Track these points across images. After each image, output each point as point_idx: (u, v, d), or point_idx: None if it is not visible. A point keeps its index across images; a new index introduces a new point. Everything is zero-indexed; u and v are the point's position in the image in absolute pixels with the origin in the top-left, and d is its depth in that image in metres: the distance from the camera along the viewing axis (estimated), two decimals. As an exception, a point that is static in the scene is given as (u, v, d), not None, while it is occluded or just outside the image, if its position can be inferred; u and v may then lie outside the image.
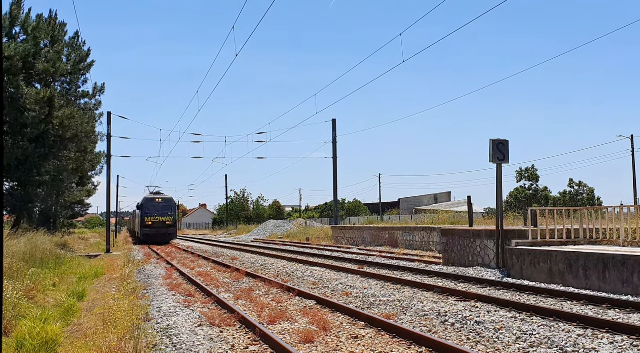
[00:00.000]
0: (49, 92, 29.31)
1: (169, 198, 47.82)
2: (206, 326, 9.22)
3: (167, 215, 45.68)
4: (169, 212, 45.88)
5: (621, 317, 9.32)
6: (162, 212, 45.47)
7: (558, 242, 15.68)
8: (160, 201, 46.32)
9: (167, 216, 45.64)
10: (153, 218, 45.17)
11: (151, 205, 45.63)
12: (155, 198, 46.63)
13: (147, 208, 45.57)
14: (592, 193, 70.85)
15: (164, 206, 46.07)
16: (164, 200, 46.96)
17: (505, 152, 16.32)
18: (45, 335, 7.51)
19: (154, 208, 45.43)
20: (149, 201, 46.37)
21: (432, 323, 9.19)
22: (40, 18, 31.18)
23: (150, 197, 47.56)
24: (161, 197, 47.19)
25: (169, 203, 46.85)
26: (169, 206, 46.60)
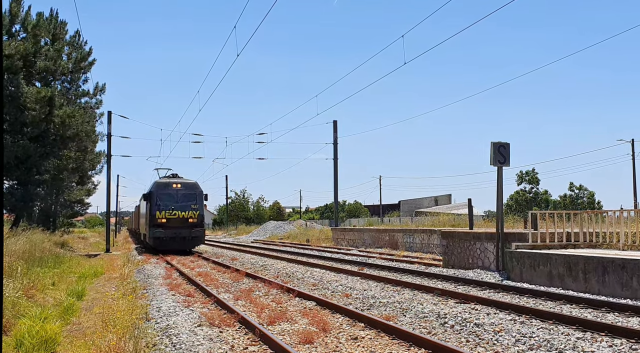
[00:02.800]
0: (50, 91, 29.33)
1: (193, 184, 31.17)
2: (206, 326, 9.22)
3: (190, 208, 30.14)
4: (192, 204, 30.26)
5: (620, 320, 9.32)
6: (182, 203, 30.15)
7: (558, 245, 15.68)
8: (179, 187, 30.39)
9: (189, 210, 30.10)
10: (169, 213, 29.65)
11: (166, 194, 30.05)
12: (171, 184, 30.51)
13: (160, 197, 29.91)
14: (592, 197, 70.90)
15: (186, 195, 30.33)
16: (186, 185, 30.76)
17: (506, 155, 16.32)
18: (44, 334, 7.51)
19: (170, 197, 30.01)
20: (162, 187, 30.33)
21: (431, 325, 9.18)
22: (41, 16, 31.22)
23: (164, 181, 31.14)
24: (181, 182, 30.92)
25: (192, 190, 30.70)
26: (193, 195, 30.49)
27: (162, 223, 29.40)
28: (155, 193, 30.02)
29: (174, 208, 29.76)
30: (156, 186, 30.57)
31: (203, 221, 30.68)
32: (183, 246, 30.10)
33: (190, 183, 31.21)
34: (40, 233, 24.53)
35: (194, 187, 30.95)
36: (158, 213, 29.50)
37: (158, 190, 30.17)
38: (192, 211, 30.10)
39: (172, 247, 29.48)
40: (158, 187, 30.39)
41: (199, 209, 30.33)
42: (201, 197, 30.75)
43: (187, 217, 29.89)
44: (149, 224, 29.84)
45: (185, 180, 31.32)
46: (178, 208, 29.86)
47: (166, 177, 32.56)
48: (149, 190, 31.58)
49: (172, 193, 30.13)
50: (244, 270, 18.29)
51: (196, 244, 30.93)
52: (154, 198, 29.86)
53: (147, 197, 31.27)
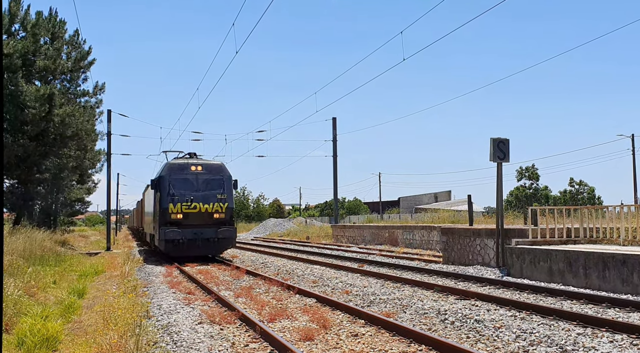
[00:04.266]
0: (49, 90, 29.29)
1: (218, 166, 23.51)
2: (206, 323, 9.23)
3: (216, 198, 22.49)
4: (218, 193, 22.58)
5: (621, 316, 9.33)
6: (205, 191, 22.50)
7: (558, 241, 15.69)
8: (200, 170, 22.81)
9: (215, 201, 22.46)
10: (186, 207, 22.07)
11: (182, 179, 22.47)
12: (189, 166, 22.88)
13: (175, 184, 22.33)
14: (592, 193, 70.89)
15: (210, 181, 22.76)
16: (209, 168, 23.10)
17: (505, 150, 16.32)
18: (45, 332, 7.53)
19: (188, 184, 22.42)
20: (177, 171, 22.67)
21: (431, 322, 9.20)
22: (40, 15, 31.18)
23: (179, 162, 23.37)
24: (202, 163, 23.26)
25: (218, 174, 23.06)
26: (219, 181, 22.88)
27: (178, 221, 21.54)
28: (168, 179, 21.79)
29: (193, 200, 21.69)
30: (168, 169, 22.23)
31: (233, 216, 22.97)
32: (207, 251, 22.20)
33: (215, 165, 23.07)
34: (41, 231, 24.54)
35: (220, 169, 22.86)
36: (172, 207, 21.54)
37: (171, 174, 21.97)
38: (218, 203, 22.13)
39: (191, 252, 21.60)
40: (171, 170, 22.11)
41: (228, 200, 22.38)
42: (230, 183, 22.67)
43: (211, 211, 22.00)
44: (159, 221, 21.88)
45: (209, 161, 23.19)
46: (199, 199, 21.86)
47: (182, 158, 24.14)
48: (159, 174, 22.88)
49: (191, 178, 22.13)
50: (244, 268, 18.31)
51: (224, 248, 22.63)
52: (165, 186, 21.84)
53: (155, 184, 22.63)
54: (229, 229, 22.35)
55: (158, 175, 23.44)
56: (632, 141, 53.41)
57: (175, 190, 22.02)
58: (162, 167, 23.56)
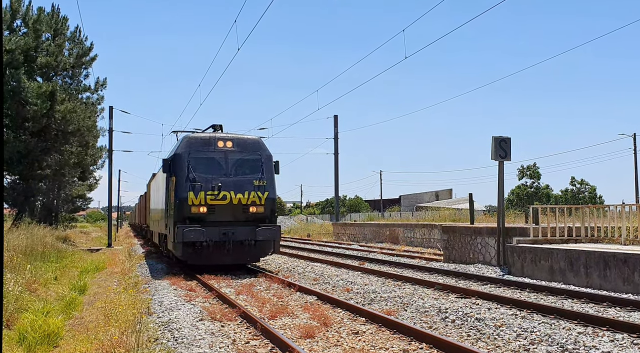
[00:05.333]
0: (51, 86, 29.31)
1: (254, 142, 17.79)
2: (207, 320, 9.24)
3: (252, 185, 16.83)
4: (255, 178, 16.96)
5: (622, 315, 9.33)
6: (237, 176, 16.88)
7: (559, 240, 15.68)
8: (230, 147, 17.16)
9: (251, 189, 16.77)
10: (212, 197, 16.35)
11: (206, 159, 16.82)
12: (215, 140, 17.17)
13: (196, 165, 16.62)
14: (593, 192, 70.81)
15: (243, 162, 17.16)
16: (243, 144, 17.44)
17: (507, 149, 16.31)
18: (47, 328, 7.54)
19: (215, 165, 16.80)
20: (199, 147, 16.98)
21: (432, 320, 9.20)
22: (42, 11, 31.19)
23: (201, 136, 17.58)
24: (233, 137, 17.46)
25: (254, 152, 17.42)
26: (256, 162, 17.27)
27: (200, 216, 15.97)
28: (187, 158, 16.24)
29: (222, 187, 16.12)
30: (187, 144, 16.61)
31: (275, 211, 17.10)
32: (239, 257, 16.42)
33: (251, 140, 17.29)
34: (42, 228, 24.57)
35: (258, 146, 17.16)
36: (192, 197, 15.92)
37: (192, 151, 16.41)
38: (255, 192, 16.44)
39: (218, 260, 16.09)
40: (191, 145, 16.55)
41: (269, 188, 16.70)
42: (270, 165, 17.06)
43: (247, 203, 16.30)
44: (175, 217, 16.09)
45: (242, 136, 17.39)
46: (230, 187, 16.24)
47: (206, 131, 18.41)
48: (174, 152, 17.19)
49: (219, 158, 16.53)
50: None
51: (263, 254, 16.90)
52: (183, 168, 16.21)
53: (169, 165, 16.89)
54: (271, 228, 16.13)
55: (173, 152, 16.90)
56: (633, 140, 53.33)
57: (197, 174, 16.05)
58: (179, 143, 16.96)
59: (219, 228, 15.90)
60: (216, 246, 15.91)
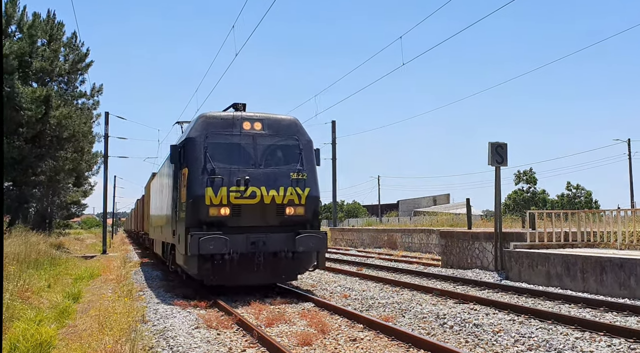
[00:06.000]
0: (46, 91, 29.20)
1: (290, 123, 13.40)
2: (203, 328, 9.14)
3: (289, 179, 12.64)
4: (292, 169, 12.77)
5: (618, 320, 9.30)
6: (269, 167, 12.66)
7: (556, 245, 15.65)
8: (259, 129, 12.97)
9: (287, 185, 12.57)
10: (237, 193, 12.15)
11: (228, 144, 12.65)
12: (241, 121, 12.92)
13: (214, 152, 12.40)
14: (589, 197, 70.95)
15: (277, 148, 12.98)
16: (275, 125, 13.18)
17: (504, 154, 16.29)
18: (39, 337, 7.44)
19: (240, 152, 12.61)
20: (219, 128, 12.76)
21: (430, 326, 9.13)
22: (37, 16, 31.14)
23: (222, 115, 13.11)
24: (263, 117, 13.17)
25: (291, 136, 13.18)
26: (294, 148, 13.09)
27: (221, 219, 12.16)
28: (203, 143, 12.53)
29: (249, 181, 12.32)
30: (204, 125, 12.84)
31: (318, 213, 13.21)
32: (272, 275, 12.65)
33: (286, 121, 13.44)
34: (36, 234, 24.41)
35: (295, 129, 13.40)
36: (211, 194, 12.11)
37: (210, 134, 12.66)
38: (293, 188, 12.68)
39: (245, 279, 12.43)
40: (208, 126, 12.79)
41: (310, 183, 12.92)
42: (311, 153, 13.31)
43: (282, 203, 12.56)
44: (187, 221, 12.27)
45: (274, 115, 13.50)
46: (260, 181, 12.47)
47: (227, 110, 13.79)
48: (185, 136, 13.20)
49: (245, 143, 12.79)
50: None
51: (303, 269, 13.26)
52: (198, 156, 12.45)
53: (178, 154, 13.19)
54: (316, 236, 12.36)
55: (185, 136, 13.08)
56: (628, 146, 53.52)
57: (218, 164, 12.23)
58: (193, 123, 13.11)
59: (246, 236, 11.95)
60: (242, 260, 11.92)
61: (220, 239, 11.58)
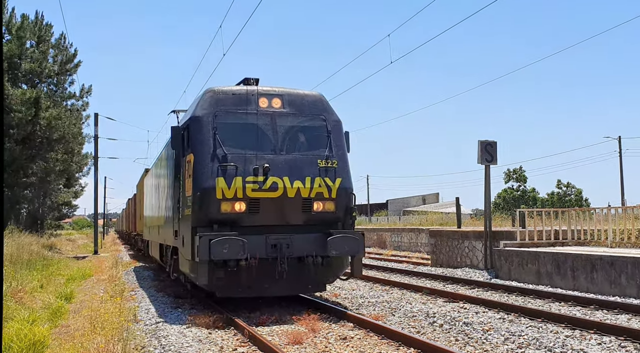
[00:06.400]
0: (35, 93, 29.09)
1: (316, 99, 11.17)
2: (195, 327, 9.17)
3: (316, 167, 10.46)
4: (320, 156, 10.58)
5: (609, 317, 9.39)
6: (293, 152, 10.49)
7: (546, 243, 15.77)
8: (278, 107, 10.75)
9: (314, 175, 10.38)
10: (254, 185, 9.99)
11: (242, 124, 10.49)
12: (257, 96, 10.70)
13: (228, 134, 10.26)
14: (579, 195, 71.40)
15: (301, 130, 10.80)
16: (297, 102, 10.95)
17: (493, 153, 16.40)
18: (32, 337, 7.44)
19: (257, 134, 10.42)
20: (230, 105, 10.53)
21: (420, 325, 9.20)
22: (25, 18, 31.01)
23: (234, 90, 10.81)
24: (284, 92, 10.96)
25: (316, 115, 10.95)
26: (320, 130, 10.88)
27: (235, 217, 10.11)
28: (211, 123, 10.40)
29: (269, 170, 10.16)
30: (212, 101, 10.66)
31: (352, 210, 10.96)
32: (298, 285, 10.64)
33: (310, 98, 11.31)
34: (28, 235, 24.31)
35: (320, 107, 11.27)
36: (222, 186, 9.98)
37: (219, 112, 10.50)
38: (321, 179, 10.52)
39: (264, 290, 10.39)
40: (218, 103, 10.63)
41: (341, 172, 10.76)
42: (341, 135, 11.23)
43: (309, 196, 10.42)
44: (193, 219, 10.18)
45: (295, 90, 11.36)
46: (282, 170, 10.33)
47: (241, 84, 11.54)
48: (190, 114, 10.95)
49: (263, 123, 10.68)
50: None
51: (333, 276, 11.12)
52: (206, 139, 10.32)
53: (181, 138, 11.12)
54: (351, 237, 10.29)
55: (189, 115, 10.95)
56: (619, 143, 53.88)
57: (230, 149, 10.16)
58: (199, 99, 10.89)
59: (266, 237, 9.94)
60: (261, 267, 9.86)
61: (237, 241, 9.44)
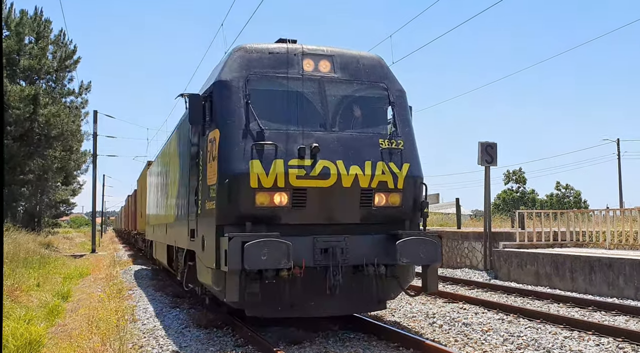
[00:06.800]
0: (34, 90, 29.01)
1: (372, 62, 8.73)
2: (193, 327, 9.12)
3: (377, 147, 8.08)
4: (381, 133, 8.30)
5: (607, 319, 9.39)
6: (347, 130, 8.08)
7: (545, 245, 15.76)
8: (326, 71, 8.32)
9: (374, 158, 7.97)
10: (299, 170, 7.56)
11: (282, 92, 8.03)
12: (300, 57, 8.29)
13: (263, 105, 7.82)
14: (578, 196, 71.48)
15: (354, 101, 8.37)
16: (351, 66, 8.51)
17: (493, 154, 16.38)
18: (29, 336, 7.40)
19: (302, 107, 7.99)
20: (264, 67, 8.09)
21: (420, 325, 9.17)
22: (24, 14, 30.94)
23: (270, 48, 8.29)
24: (332, 52, 8.51)
25: (374, 83, 8.53)
26: (379, 101, 8.53)
27: (273, 212, 7.64)
28: (242, 89, 7.91)
29: (317, 151, 7.67)
30: (243, 62, 8.17)
31: (424, 203, 8.46)
32: (354, 303, 8.10)
33: (367, 60, 8.79)
34: (25, 233, 24.25)
35: (380, 72, 8.78)
36: (258, 170, 7.49)
37: (251, 76, 8.01)
38: (384, 163, 8.05)
39: (312, 309, 7.86)
40: (250, 64, 8.15)
41: (409, 156, 8.32)
42: (406, 110, 8.73)
43: (369, 186, 7.92)
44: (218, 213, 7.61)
45: (347, 51, 8.82)
46: (335, 152, 7.85)
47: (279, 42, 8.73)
48: (216, 78, 8.15)
49: (309, 92, 8.20)
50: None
51: (397, 290, 8.49)
52: (235, 109, 7.82)
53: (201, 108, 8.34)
54: (429, 241, 7.95)
55: (212, 81, 8.40)
56: (617, 145, 53.87)
57: (267, 124, 7.89)
58: (225, 60, 8.56)
59: (314, 240, 7.64)
60: (309, 278, 7.57)
61: (279, 245, 7.05)
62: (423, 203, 8.47)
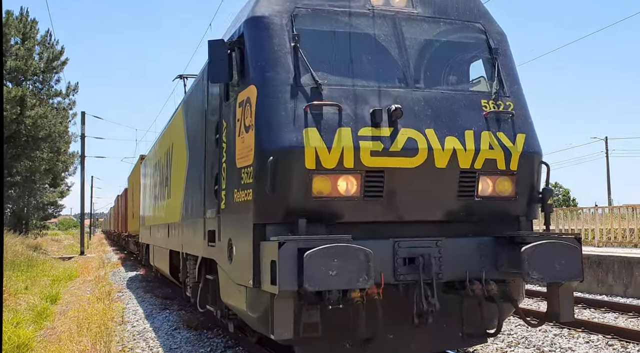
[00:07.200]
0: (20, 91, 28.77)
1: None
2: (183, 329, 9.08)
3: (479, 110, 5.70)
4: (483, 93, 5.94)
5: (596, 316, 9.45)
6: (437, 87, 5.75)
7: (534, 243, 15.83)
8: (404, 6, 6.00)
9: (477, 126, 5.58)
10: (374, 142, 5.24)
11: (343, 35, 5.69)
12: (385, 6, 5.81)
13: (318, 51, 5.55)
14: (567, 195, 71.90)
15: (443, 47, 6.06)
16: None
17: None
18: (17, 340, 7.33)
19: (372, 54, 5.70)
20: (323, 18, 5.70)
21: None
22: (10, 14, 30.66)
23: None
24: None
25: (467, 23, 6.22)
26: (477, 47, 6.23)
27: (338, 204, 5.32)
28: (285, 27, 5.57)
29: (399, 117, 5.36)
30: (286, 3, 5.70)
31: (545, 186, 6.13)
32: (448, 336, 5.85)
33: None
34: (12, 236, 24.04)
35: (474, 9, 6.40)
36: (317, 145, 5.15)
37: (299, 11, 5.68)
38: (491, 134, 5.66)
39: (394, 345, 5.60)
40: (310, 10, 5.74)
41: (522, 124, 5.92)
42: (510, 59, 6.31)
43: (471, 167, 5.53)
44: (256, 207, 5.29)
45: None
46: (421, 116, 5.53)
47: None
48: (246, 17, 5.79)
49: (382, 34, 5.83)
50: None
51: (505, 315, 6.23)
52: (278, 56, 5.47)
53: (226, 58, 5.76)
54: (566, 245, 5.62)
55: (246, 16, 5.82)
56: (605, 144, 54.27)
57: (326, 77, 5.53)
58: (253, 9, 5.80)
59: (395, 244, 5.41)
60: (389, 300, 5.34)
61: (357, 254, 4.83)
62: (545, 192, 6.11)
